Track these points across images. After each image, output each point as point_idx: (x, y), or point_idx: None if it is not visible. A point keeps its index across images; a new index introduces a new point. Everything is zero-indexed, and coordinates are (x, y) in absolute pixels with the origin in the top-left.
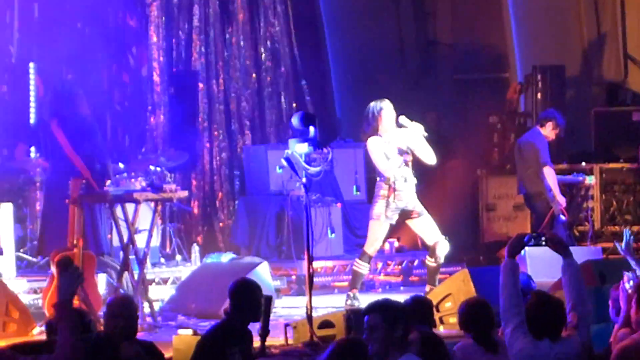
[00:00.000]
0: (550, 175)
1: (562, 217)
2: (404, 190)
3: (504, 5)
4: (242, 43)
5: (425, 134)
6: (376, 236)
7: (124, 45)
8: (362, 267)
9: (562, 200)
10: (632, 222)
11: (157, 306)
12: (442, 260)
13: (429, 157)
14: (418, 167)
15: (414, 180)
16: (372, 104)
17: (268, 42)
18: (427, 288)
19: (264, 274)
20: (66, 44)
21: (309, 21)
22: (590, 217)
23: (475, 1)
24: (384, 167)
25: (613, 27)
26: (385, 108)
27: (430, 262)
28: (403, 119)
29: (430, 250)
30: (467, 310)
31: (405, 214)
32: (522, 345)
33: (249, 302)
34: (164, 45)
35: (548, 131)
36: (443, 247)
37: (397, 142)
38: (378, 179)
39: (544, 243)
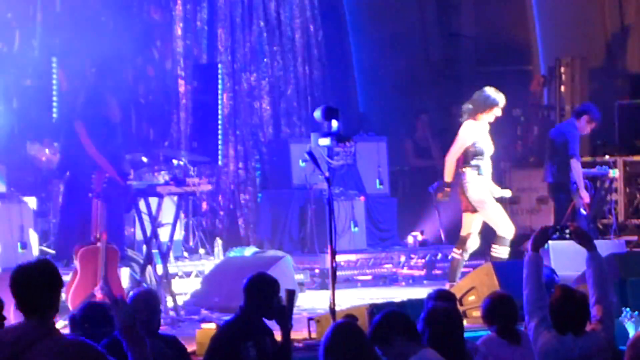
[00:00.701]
0: (576, 168)
1: (583, 212)
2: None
3: None
4: (265, 35)
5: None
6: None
7: (149, 38)
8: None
9: (585, 195)
10: (638, 215)
11: (180, 300)
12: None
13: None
14: (439, 159)
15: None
16: (493, 92)
17: (293, 35)
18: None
19: (287, 268)
20: (90, 38)
21: (333, 14)
22: (614, 210)
23: None
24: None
25: (637, 19)
26: (501, 106)
27: (456, 254)
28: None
29: (460, 240)
30: (491, 305)
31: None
32: (546, 339)
33: (263, 297)
34: (188, 39)
35: (582, 124)
36: (474, 243)
37: (485, 136)
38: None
39: (568, 236)
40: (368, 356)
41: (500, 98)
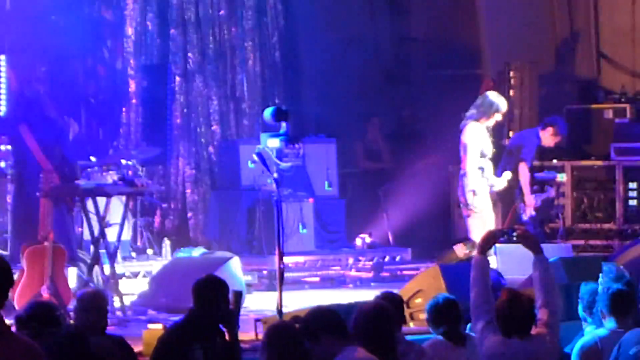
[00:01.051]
0: (523, 172)
1: (532, 213)
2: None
3: (477, 2)
4: (218, 36)
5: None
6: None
7: (99, 37)
8: None
9: (529, 200)
10: (603, 220)
11: (127, 300)
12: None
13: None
14: (389, 162)
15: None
16: (495, 97)
17: (246, 37)
18: None
19: (235, 269)
20: (39, 37)
21: (287, 16)
22: (561, 215)
23: None
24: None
25: (586, 24)
26: (502, 112)
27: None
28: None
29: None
30: (436, 307)
31: None
32: (492, 342)
33: (212, 300)
34: (139, 39)
35: (546, 135)
36: None
37: (487, 139)
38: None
39: (515, 239)
40: (304, 357)
41: (503, 104)
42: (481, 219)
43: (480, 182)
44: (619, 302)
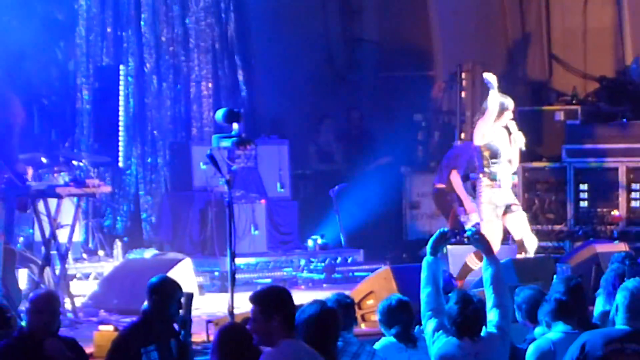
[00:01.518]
0: (454, 180)
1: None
2: (504, 187)
3: (429, 4)
4: (172, 37)
5: (524, 148)
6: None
7: (52, 38)
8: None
9: (469, 206)
10: (554, 222)
11: (78, 302)
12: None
13: (515, 164)
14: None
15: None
16: (500, 98)
17: (201, 37)
18: None
19: (186, 270)
20: None
21: (240, 18)
22: None
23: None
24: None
25: (537, 26)
26: (510, 108)
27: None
28: (512, 124)
29: (518, 246)
30: (388, 309)
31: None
32: (443, 344)
33: (168, 301)
34: (91, 40)
35: None
36: (532, 242)
37: (501, 139)
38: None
39: (466, 240)
40: (256, 357)
41: (510, 103)
42: (489, 228)
43: (487, 191)
44: (564, 309)
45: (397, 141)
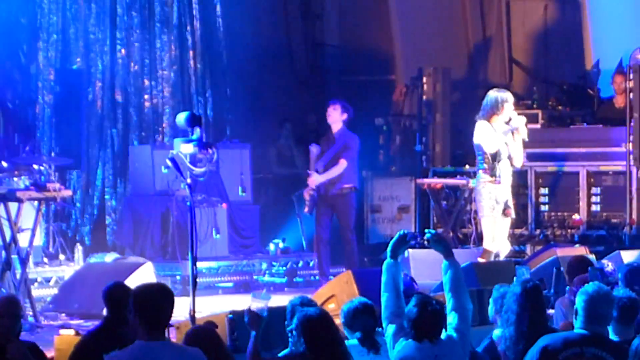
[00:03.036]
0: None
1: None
2: (504, 184)
3: (390, 8)
4: (136, 44)
5: (526, 138)
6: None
7: (15, 42)
8: None
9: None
10: (515, 225)
11: (39, 306)
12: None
13: (519, 159)
14: (302, 168)
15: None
16: (496, 93)
17: (162, 44)
18: None
19: (148, 274)
20: None
21: (202, 21)
22: (473, 220)
23: (362, 4)
24: (492, 147)
25: (498, 30)
26: (510, 101)
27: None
28: (515, 115)
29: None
30: (352, 312)
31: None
32: (403, 347)
33: (124, 306)
34: (54, 43)
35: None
36: (505, 248)
37: (503, 135)
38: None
39: (426, 243)
40: (225, 358)
41: (507, 95)
42: (488, 224)
43: (489, 186)
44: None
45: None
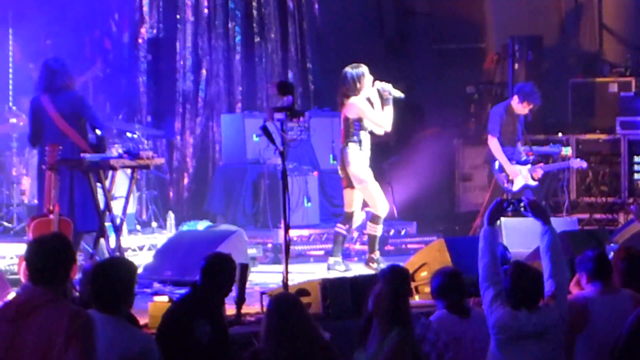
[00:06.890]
0: (492, 145)
1: (525, 183)
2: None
3: None
4: (235, 15)
5: (402, 95)
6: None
7: (106, 11)
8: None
9: (511, 170)
10: (607, 194)
11: None
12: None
13: (387, 122)
14: (395, 136)
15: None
16: (350, 69)
17: (252, 10)
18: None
19: (240, 242)
20: (45, 10)
21: None
22: (566, 188)
23: None
24: (384, 121)
25: None
26: (365, 73)
27: (341, 229)
28: (378, 84)
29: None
30: (441, 280)
31: None
32: (500, 314)
33: (222, 278)
34: (147, 12)
35: (515, 104)
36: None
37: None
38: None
39: (523, 210)
40: (308, 328)
41: (360, 69)
42: (368, 187)
43: (354, 152)
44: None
45: (449, 113)
